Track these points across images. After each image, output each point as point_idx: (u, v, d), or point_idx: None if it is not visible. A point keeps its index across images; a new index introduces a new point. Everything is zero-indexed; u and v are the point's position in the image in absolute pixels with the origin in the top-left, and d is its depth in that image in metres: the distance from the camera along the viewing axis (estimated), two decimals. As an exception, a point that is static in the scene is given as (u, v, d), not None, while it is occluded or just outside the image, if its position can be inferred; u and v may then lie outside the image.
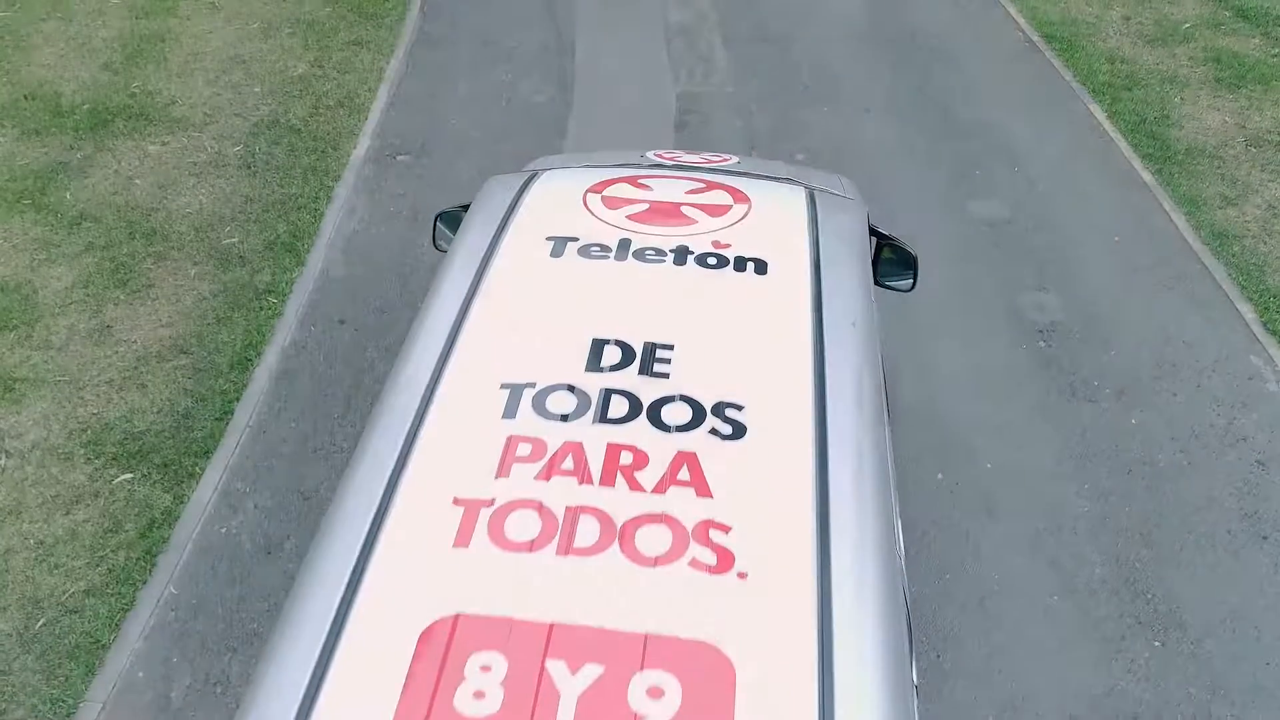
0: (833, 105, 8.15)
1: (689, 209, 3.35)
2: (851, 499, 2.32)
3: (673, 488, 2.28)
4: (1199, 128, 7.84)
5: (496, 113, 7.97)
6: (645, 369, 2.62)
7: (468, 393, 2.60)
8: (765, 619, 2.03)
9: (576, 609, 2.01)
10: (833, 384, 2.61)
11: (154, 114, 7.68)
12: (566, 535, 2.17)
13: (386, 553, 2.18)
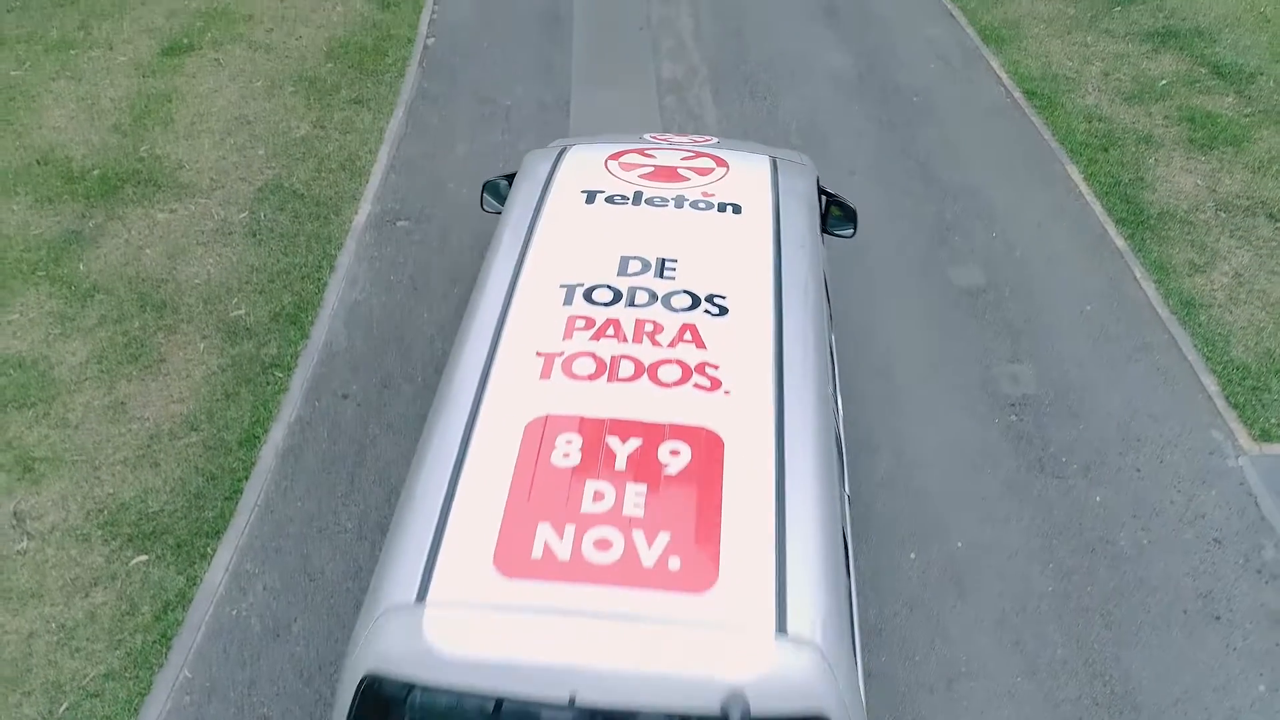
0: (818, 166, 8.40)
1: (683, 170, 4.76)
2: (798, 349, 3.75)
3: (680, 344, 3.68)
4: (1172, 190, 8.12)
5: (495, 174, 8.22)
6: (658, 274, 4.03)
7: (538, 290, 3.97)
8: (741, 416, 3.42)
9: (621, 411, 3.38)
10: (786, 284, 4.03)
11: (162, 179, 7.94)
12: (612, 371, 3.55)
13: (497, 382, 3.55)
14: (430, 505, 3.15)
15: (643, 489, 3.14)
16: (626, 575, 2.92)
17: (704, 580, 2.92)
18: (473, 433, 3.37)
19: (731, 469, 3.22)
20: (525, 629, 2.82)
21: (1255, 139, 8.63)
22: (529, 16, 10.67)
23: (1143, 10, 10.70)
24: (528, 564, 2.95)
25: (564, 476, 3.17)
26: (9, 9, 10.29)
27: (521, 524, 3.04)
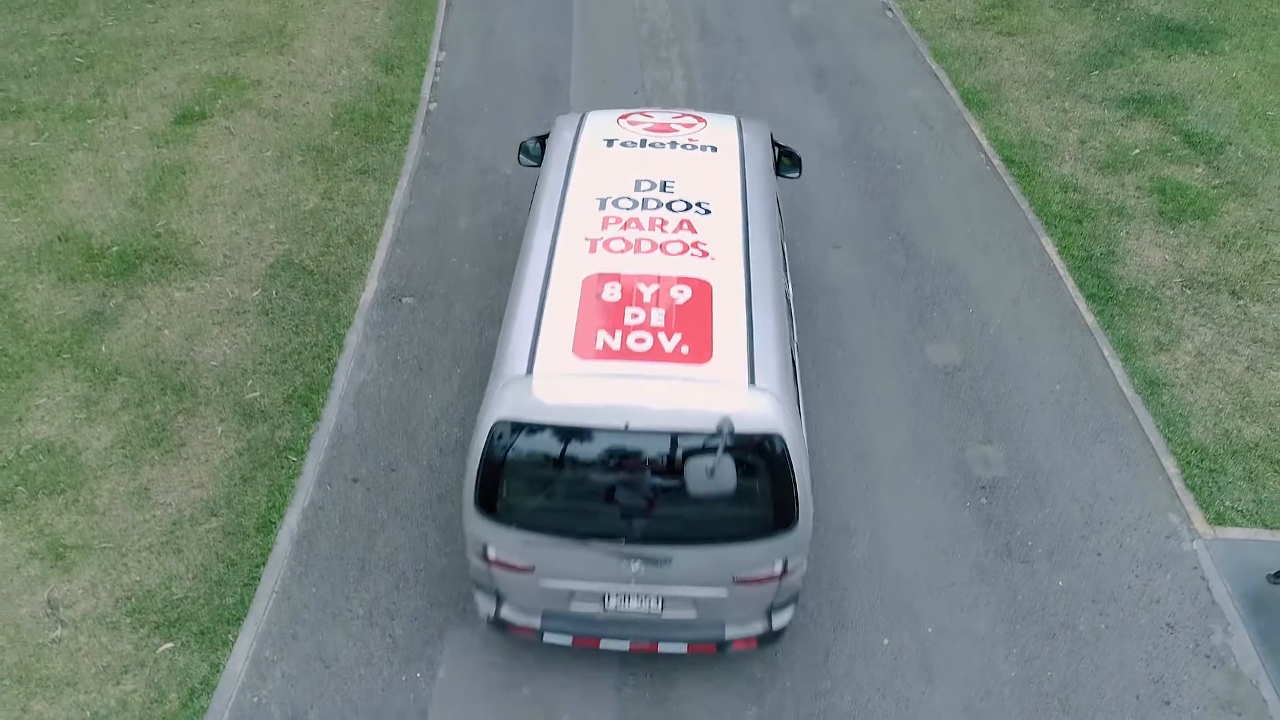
0: (804, 241, 8.81)
1: (674, 125, 6.63)
2: (757, 235, 5.58)
3: (680, 231, 5.49)
4: (1141, 265, 8.52)
5: (493, 249, 8.62)
6: (662, 189, 5.86)
7: (581, 200, 5.78)
8: (722, 271, 5.23)
9: (645, 269, 5.21)
10: (749, 197, 5.90)
11: (178, 255, 8.33)
12: (636, 248, 5.36)
13: (561, 255, 5.36)
14: (527, 324, 5.00)
15: (662, 311, 5.00)
16: (656, 356, 4.78)
17: (704, 357, 4.78)
18: (549, 284, 5.21)
19: (718, 300, 5.10)
20: (594, 386, 4.67)
21: (1222, 212, 9.03)
22: (528, 79, 11.06)
23: (1119, 75, 11.11)
24: (593, 352, 4.80)
25: (611, 305, 5.03)
26: (26, 74, 10.68)
27: (587, 331, 4.89)
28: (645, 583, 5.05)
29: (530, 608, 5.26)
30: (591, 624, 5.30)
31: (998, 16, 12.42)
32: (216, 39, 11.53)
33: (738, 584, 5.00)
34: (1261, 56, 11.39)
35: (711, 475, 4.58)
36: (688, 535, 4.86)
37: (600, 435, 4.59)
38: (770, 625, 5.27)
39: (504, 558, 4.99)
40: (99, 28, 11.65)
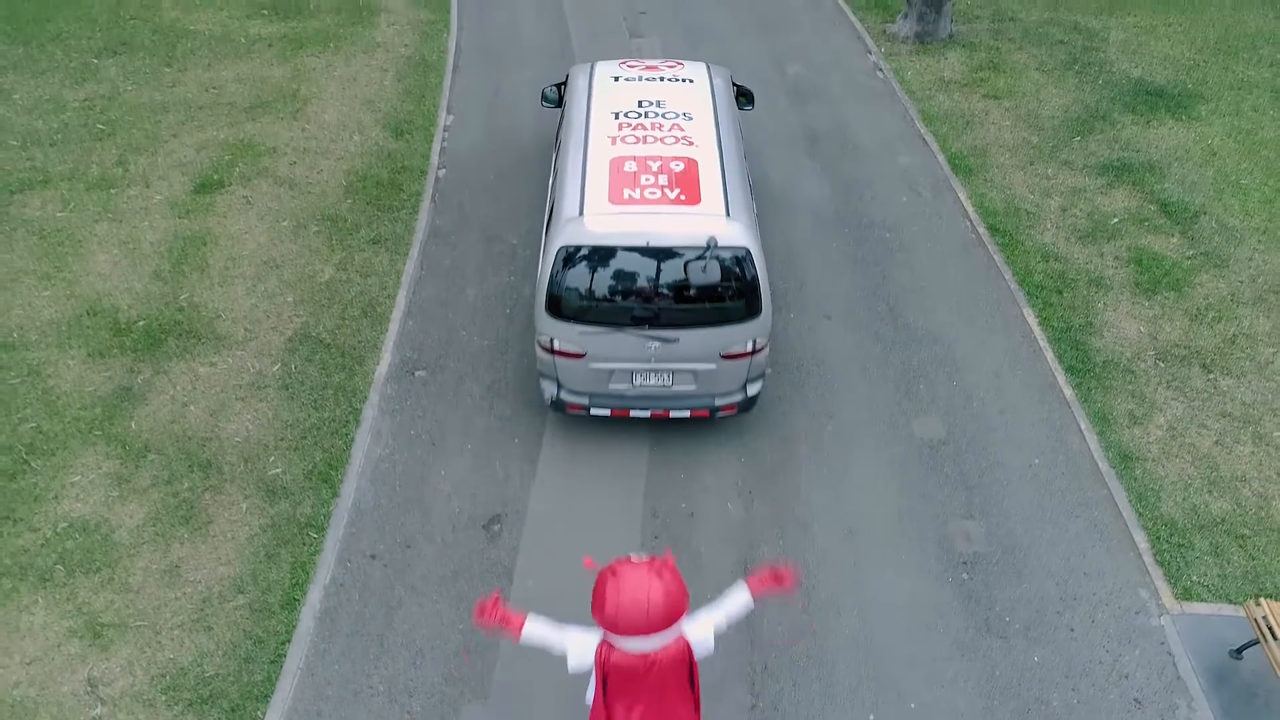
0: (798, 310, 9.25)
1: (660, 66, 8.93)
2: (725, 133, 7.98)
3: (672, 129, 7.86)
4: (1117, 337, 8.96)
5: (501, 321, 9.04)
6: (656, 105, 8.21)
7: (601, 113, 8.09)
8: (704, 153, 7.61)
9: (651, 153, 7.55)
10: (718, 109, 8.28)
11: (201, 330, 8.75)
12: (644, 141, 7.68)
13: (592, 146, 7.68)
14: (575, 186, 7.29)
15: (665, 176, 7.31)
16: (663, 201, 7.08)
17: (695, 201, 7.09)
18: (586, 163, 7.50)
19: (702, 169, 7.41)
20: (624, 220, 6.93)
21: (1195, 284, 9.48)
22: (532, 143, 11.50)
23: (1100, 141, 11.58)
24: (622, 200, 7.09)
25: (630, 173, 7.33)
26: (51, 142, 11.11)
27: (617, 188, 7.19)
28: (660, 360, 7.29)
29: (580, 390, 7.50)
30: (623, 399, 7.53)
31: (984, 79, 12.90)
32: (233, 104, 11.98)
33: (723, 359, 7.31)
34: (1236, 122, 11.86)
35: (704, 271, 6.94)
36: (689, 321, 7.11)
37: (630, 251, 6.89)
38: (746, 394, 7.60)
39: (564, 347, 7.25)
40: (119, 93, 12.10)
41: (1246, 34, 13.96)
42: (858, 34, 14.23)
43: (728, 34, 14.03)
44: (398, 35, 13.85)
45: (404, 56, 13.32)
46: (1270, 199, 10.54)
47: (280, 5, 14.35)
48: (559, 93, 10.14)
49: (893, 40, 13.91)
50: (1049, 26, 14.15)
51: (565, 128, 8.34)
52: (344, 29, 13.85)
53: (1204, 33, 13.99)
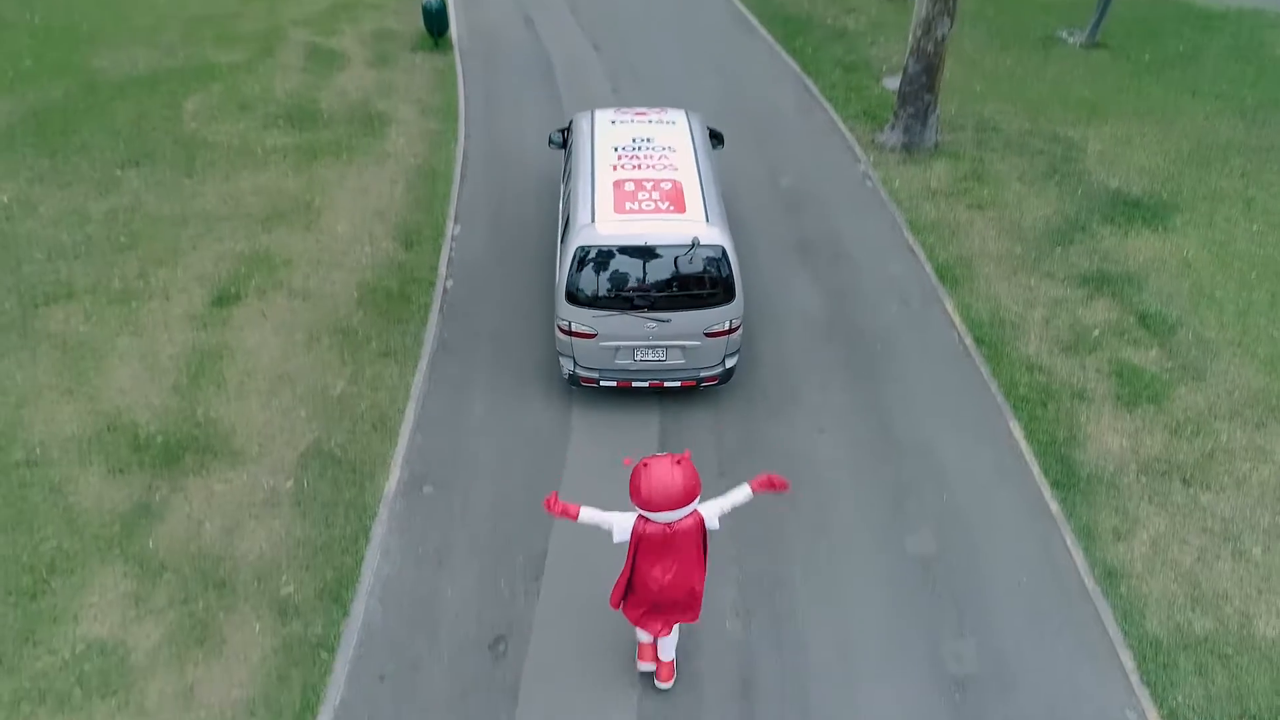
0: (790, 423, 9.59)
1: (648, 112, 11.04)
2: (703, 163, 10.00)
3: (661, 159, 9.88)
4: (1100, 451, 9.29)
5: (507, 437, 9.37)
6: (647, 142, 10.20)
7: (602, 148, 10.09)
8: (686, 176, 9.64)
9: (644, 176, 9.60)
10: (696, 144, 10.32)
11: (217, 445, 9.07)
12: (639, 168, 9.75)
13: (597, 172, 9.72)
14: (586, 201, 9.28)
15: (657, 193, 9.29)
16: (656, 211, 9.08)
17: (681, 211, 9.10)
18: (594, 184, 9.47)
19: (685, 188, 9.39)
20: (627, 225, 8.92)
21: (1174, 397, 9.86)
22: (536, 254, 11.98)
23: (1080, 252, 12.09)
24: (624, 210, 9.07)
25: (630, 192, 9.29)
26: (75, 255, 11.59)
27: (619, 202, 9.18)
28: (656, 338, 9.17)
29: (592, 366, 9.34)
30: (626, 372, 9.41)
31: (969, 188, 13.49)
32: (250, 215, 12.50)
33: (706, 336, 9.17)
34: (1210, 233, 12.40)
35: (690, 264, 8.88)
36: (678, 305, 9.01)
37: (632, 249, 8.87)
38: (725, 366, 9.49)
39: (579, 329, 9.11)
40: (141, 204, 12.64)
41: (1218, 144, 14.62)
42: (847, 143, 14.88)
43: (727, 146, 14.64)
44: (408, 145, 14.48)
45: (414, 166, 13.92)
46: (1244, 311, 10.99)
47: (296, 117, 15.01)
48: (563, 137, 11.84)
49: (881, 149, 14.55)
50: (1029, 137, 14.81)
51: (574, 160, 10.34)
52: (356, 139, 14.48)
53: (1177, 143, 14.65)
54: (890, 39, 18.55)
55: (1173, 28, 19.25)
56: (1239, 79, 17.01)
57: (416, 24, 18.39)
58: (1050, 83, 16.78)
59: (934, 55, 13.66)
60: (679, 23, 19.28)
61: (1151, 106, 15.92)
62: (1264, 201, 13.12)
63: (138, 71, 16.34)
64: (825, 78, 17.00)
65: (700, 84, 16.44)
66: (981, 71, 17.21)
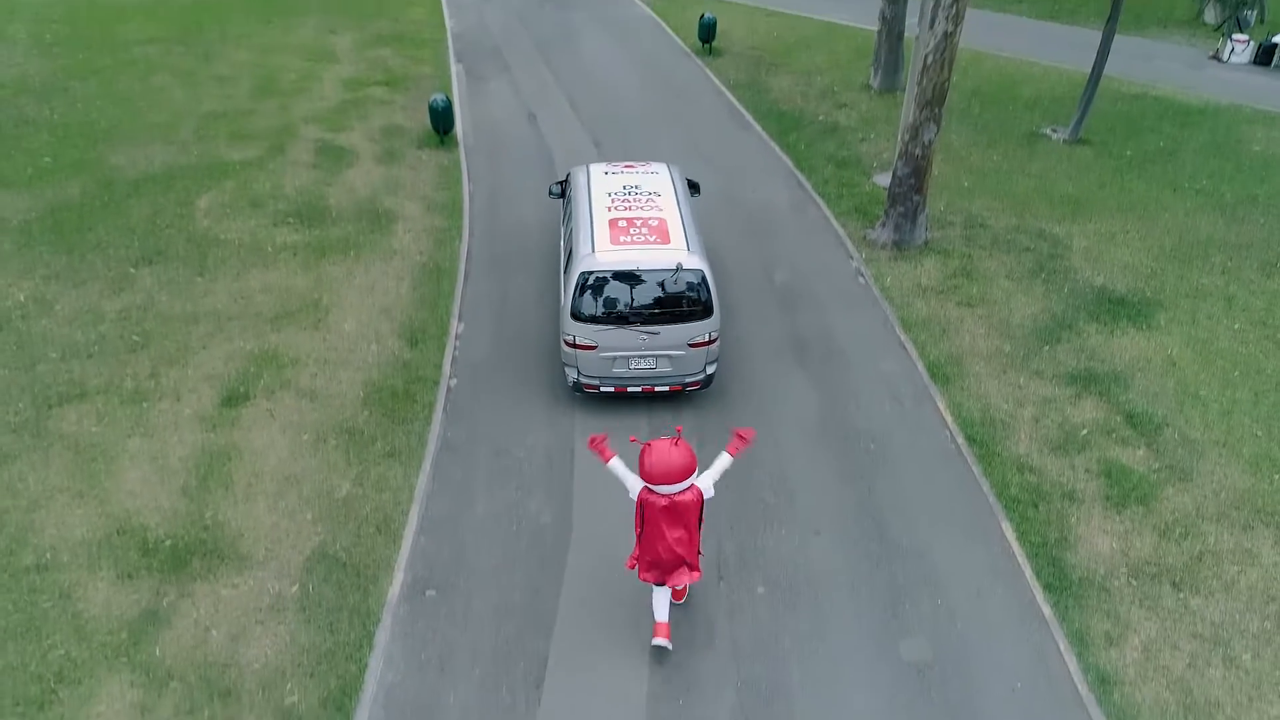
0: (788, 526, 9.78)
1: (635, 165, 12.88)
2: (682, 206, 11.77)
3: (648, 202, 11.73)
4: (1091, 553, 9.47)
5: (508, 539, 9.55)
6: (636, 189, 12.05)
7: (598, 195, 11.87)
8: (670, 215, 11.47)
9: (635, 215, 11.39)
10: (677, 190, 12.15)
11: (225, 549, 9.24)
12: (629, 209, 11.59)
13: (595, 214, 11.47)
14: (587, 236, 10.96)
15: (646, 228, 11.02)
16: (646, 243, 10.75)
17: (666, 242, 10.80)
18: (593, 223, 11.20)
19: (669, 225, 11.14)
20: (622, 254, 10.59)
21: (1162, 498, 10.07)
22: (538, 353, 12.30)
23: (1068, 350, 12.42)
24: (620, 243, 10.75)
25: (623, 228, 11.03)
26: (89, 354, 11.90)
27: (615, 236, 10.87)
28: (648, 349, 10.76)
29: (592, 374, 10.92)
30: (622, 379, 10.98)
31: (958, 285, 13.89)
32: (259, 314, 12.86)
33: (690, 346, 10.78)
34: (1193, 331, 12.76)
35: (675, 284, 10.53)
36: (666, 320, 10.65)
37: (626, 273, 10.52)
38: (706, 372, 11.09)
39: (583, 341, 10.69)
40: (154, 302, 13.00)
41: (1199, 241, 15.10)
42: (840, 239, 15.36)
43: (723, 239, 15.12)
44: (414, 242, 14.93)
45: (419, 263, 14.34)
46: (1228, 410, 11.28)
47: (306, 214, 15.51)
48: (562, 188, 13.67)
49: (873, 246, 15.01)
50: (1016, 233, 15.30)
51: (573, 204, 12.07)
52: (364, 236, 14.94)
53: (1160, 239, 15.14)
54: (880, 134, 19.24)
55: (1153, 123, 19.98)
56: (1218, 174, 17.62)
57: (424, 120, 19.09)
58: (1035, 178, 17.37)
59: (921, 159, 14.20)
60: (677, 118, 19.99)
61: (1134, 202, 16.47)
62: (1244, 299, 13.52)
63: (153, 168, 16.91)
64: (818, 173, 17.60)
65: (698, 179, 16.98)
66: (969, 167, 17.81)
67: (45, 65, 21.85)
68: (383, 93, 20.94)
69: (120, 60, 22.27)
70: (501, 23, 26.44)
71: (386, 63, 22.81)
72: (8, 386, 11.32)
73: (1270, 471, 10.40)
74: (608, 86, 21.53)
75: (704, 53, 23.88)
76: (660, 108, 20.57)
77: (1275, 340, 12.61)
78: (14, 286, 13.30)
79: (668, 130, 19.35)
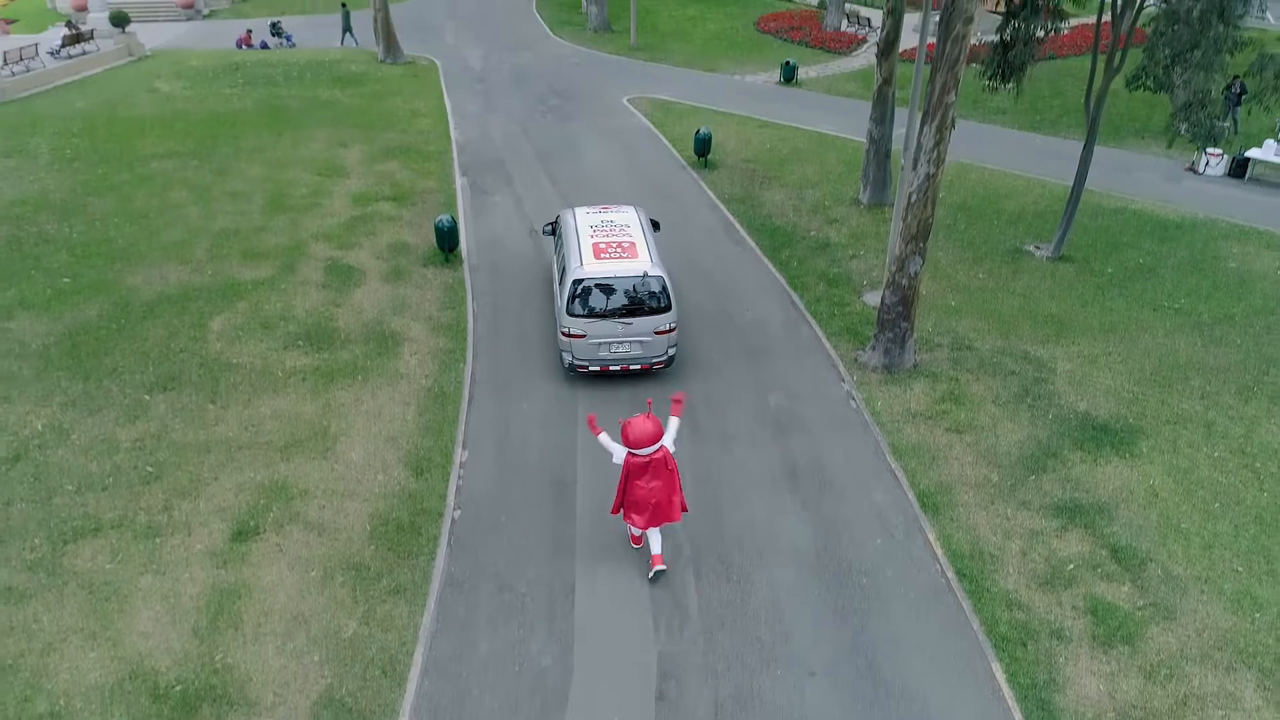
0: (784, 666, 10.02)
1: (610, 208, 16.65)
2: (647, 235, 15.56)
3: (621, 231, 15.56)
4: (1079, 695, 9.71)
5: (510, 680, 9.78)
6: (612, 224, 15.82)
7: (584, 231, 15.51)
8: (639, 240, 15.27)
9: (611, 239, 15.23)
10: (643, 225, 15.94)
11: (234, 694, 9.47)
12: (607, 236, 15.33)
13: (581, 242, 15.18)
14: (577, 256, 14.67)
15: (619, 249, 14.83)
16: (619, 258, 14.58)
17: (635, 258, 14.62)
18: (580, 247, 14.91)
19: (637, 245, 14.99)
20: (604, 265, 14.42)
21: (1147, 637, 10.35)
22: (540, 483, 12.67)
23: (1053, 480, 12.81)
24: (601, 259, 14.54)
25: (603, 249, 14.81)
26: (104, 487, 12.26)
27: (597, 254, 14.67)
28: (625, 335, 14.30)
29: (582, 357, 14.44)
30: (605, 360, 14.51)
31: (946, 411, 14.35)
32: (269, 443, 13.26)
33: (655, 334, 14.33)
34: (1174, 460, 13.17)
35: (643, 287, 14.16)
36: (637, 313, 14.19)
37: (607, 280, 14.16)
38: (668, 354, 14.65)
39: (575, 331, 14.26)
40: (167, 431, 13.41)
41: (1179, 364, 15.63)
42: (832, 361, 15.87)
43: (720, 364, 15.63)
44: (419, 365, 15.43)
45: (424, 388, 14.81)
46: (1209, 544, 11.63)
47: (315, 336, 16.04)
48: (553, 227, 17.26)
49: (864, 369, 15.52)
50: (1002, 356, 15.83)
51: (563, 236, 15.76)
52: (371, 360, 15.44)
53: (1141, 362, 15.67)
54: (869, 251, 19.95)
55: (1132, 239, 20.74)
56: (1196, 292, 18.27)
57: (429, 237, 19.80)
58: (1020, 297, 18.00)
59: (908, 289, 14.81)
60: (675, 232, 20.68)
61: (1115, 322, 17.06)
62: (1223, 425, 13.98)
63: (168, 288, 17.51)
64: (810, 291, 18.23)
65: (696, 300, 17.59)
66: (956, 285, 18.46)
67: (65, 180, 22.70)
68: (390, 208, 21.72)
69: (138, 175, 23.14)
70: (504, 133, 27.48)
71: (394, 176, 23.69)
72: (25, 521, 11.66)
73: (1251, 610, 10.70)
74: (608, 200, 22.34)
75: (700, 166, 24.80)
76: (659, 221, 21.29)
77: (1253, 469, 13.02)
78: (32, 414, 13.73)
79: (667, 245, 20.01)
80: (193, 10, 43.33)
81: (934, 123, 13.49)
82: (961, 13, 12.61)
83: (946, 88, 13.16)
